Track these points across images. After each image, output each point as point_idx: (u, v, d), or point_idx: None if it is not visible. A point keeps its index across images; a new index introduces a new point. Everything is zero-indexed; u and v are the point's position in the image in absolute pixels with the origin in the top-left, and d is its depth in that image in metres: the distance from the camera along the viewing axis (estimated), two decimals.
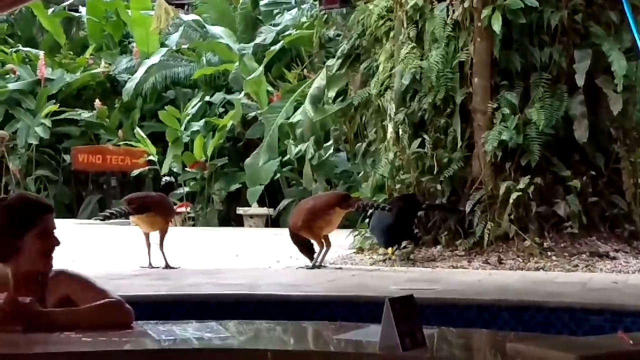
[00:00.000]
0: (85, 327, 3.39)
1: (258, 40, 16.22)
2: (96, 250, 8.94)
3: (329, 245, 8.11)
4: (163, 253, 7.97)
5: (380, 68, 9.68)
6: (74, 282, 3.58)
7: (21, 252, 3.49)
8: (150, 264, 7.97)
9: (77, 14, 19.70)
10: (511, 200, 8.44)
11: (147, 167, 15.99)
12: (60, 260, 3.71)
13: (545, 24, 8.74)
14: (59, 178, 17.19)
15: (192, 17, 17.91)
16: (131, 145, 16.16)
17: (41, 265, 3.51)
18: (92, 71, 17.87)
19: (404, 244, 8.62)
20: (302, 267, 7.99)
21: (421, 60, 9.05)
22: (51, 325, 3.36)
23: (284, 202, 14.40)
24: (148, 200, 8.23)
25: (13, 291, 3.43)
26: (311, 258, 7.99)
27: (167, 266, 7.88)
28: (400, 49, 9.26)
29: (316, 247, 8.04)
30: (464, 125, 8.92)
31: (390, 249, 8.48)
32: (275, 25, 16.61)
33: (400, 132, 9.21)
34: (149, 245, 8.04)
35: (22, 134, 16.84)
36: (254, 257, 8.91)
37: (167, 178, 7.94)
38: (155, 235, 8.04)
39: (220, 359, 3.19)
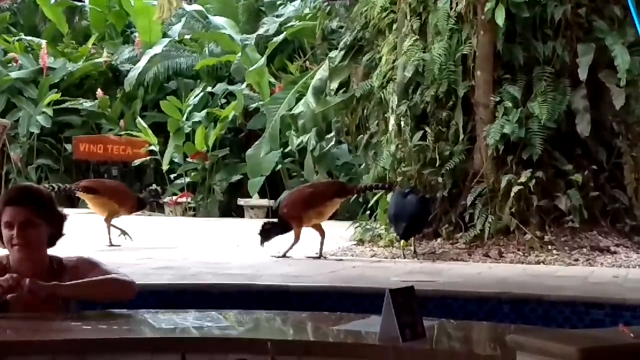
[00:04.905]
0: (88, 298, 3.63)
1: (261, 31, 16.17)
2: (97, 239, 8.94)
3: (322, 234, 8.14)
4: (109, 230, 8.91)
5: (383, 60, 9.67)
6: (91, 268, 3.65)
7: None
8: (110, 242, 8.86)
9: (79, 3, 19.64)
10: (512, 194, 8.44)
11: (148, 157, 15.97)
12: (60, 248, 3.74)
13: (549, 18, 8.73)
14: (60, 167, 17.16)
15: (194, 7, 17.86)
16: (132, 135, 16.13)
17: (11, 256, 3.58)
18: (94, 61, 17.83)
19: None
20: (310, 257, 8.04)
21: (424, 52, 9.04)
22: (54, 295, 3.49)
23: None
24: (96, 185, 9.28)
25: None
26: (264, 240, 8.12)
27: (110, 244, 8.86)
28: (403, 41, 9.25)
29: (290, 239, 8.08)
30: (466, 118, 8.92)
31: (403, 241, 8.36)
32: (278, 16, 16.56)
33: (402, 125, 9.20)
34: (109, 226, 8.95)
35: (23, 122, 16.80)
36: (255, 247, 8.91)
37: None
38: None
39: (219, 348, 3.19)
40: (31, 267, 3.55)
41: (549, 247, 8.33)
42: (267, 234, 8.20)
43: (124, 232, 8.98)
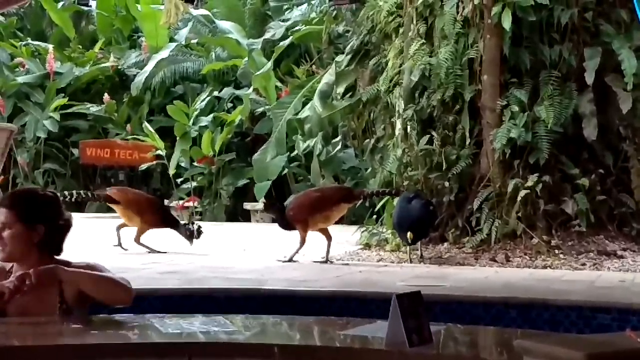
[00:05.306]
0: (85, 289, 3.58)
1: (267, 35, 16.20)
2: (103, 243, 8.96)
3: (329, 238, 8.14)
4: (141, 245, 8.78)
5: (389, 64, 9.67)
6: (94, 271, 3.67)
7: None
8: (119, 244, 8.82)
9: (86, 8, 19.73)
10: (519, 198, 8.43)
11: (155, 162, 16.00)
12: (66, 252, 3.75)
13: (556, 22, 8.73)
14: (67, 172, 17.21)
15: (201, 12, 17.91)
16: (139, 140, 16.16)
17: None
18: (101, 65, 17.89)
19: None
20: (316, 261, 8.04)
21: (430, 56, 9.04)
22: (55, 276, 3.53)
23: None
24: (117, 195, 9.02)
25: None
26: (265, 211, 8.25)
27: (152, 251, 8.77)
28: (410, 45, 9.25)
29: (296, 243, 8.09)
30: (472, 123, 8.91)
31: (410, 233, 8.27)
32: (284, 20, 16.60)
33: (409, 129, 9.20)
34: (118, 229, 8.93)
35: (30, 127, 16.85)
36: (261, 252, 8.92)
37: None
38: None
39: (226, 352, 3.19)
40: (25, 270, 3.56)
41: (556, 251, 8.31)
42: (269, 208, 8.95)
43: (153, 251, 8.80)
